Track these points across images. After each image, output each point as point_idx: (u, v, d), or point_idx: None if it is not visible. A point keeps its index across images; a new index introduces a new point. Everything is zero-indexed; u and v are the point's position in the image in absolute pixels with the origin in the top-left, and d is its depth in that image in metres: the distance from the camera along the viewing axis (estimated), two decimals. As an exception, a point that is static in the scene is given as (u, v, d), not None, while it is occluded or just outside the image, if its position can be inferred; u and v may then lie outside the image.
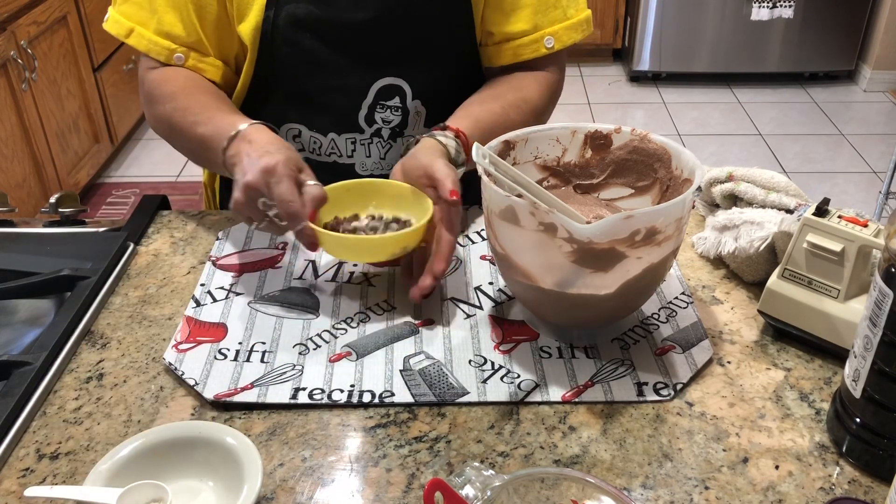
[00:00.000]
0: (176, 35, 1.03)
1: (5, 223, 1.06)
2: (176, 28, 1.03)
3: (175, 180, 3.20)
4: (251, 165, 0.85)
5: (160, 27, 1.03)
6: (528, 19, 1.08)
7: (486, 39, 1.11)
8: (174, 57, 1.04)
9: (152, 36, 1.03)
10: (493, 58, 1.12)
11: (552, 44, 1.09)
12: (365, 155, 1.12)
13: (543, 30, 1.08)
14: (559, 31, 1.09)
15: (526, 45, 1.09)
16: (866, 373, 0.68)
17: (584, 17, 1.11)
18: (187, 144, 1.02)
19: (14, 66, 2.49)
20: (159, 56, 1.04)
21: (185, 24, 1.03)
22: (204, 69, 1.05)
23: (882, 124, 3.69)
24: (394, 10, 1.04)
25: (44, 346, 0.83)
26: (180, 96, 1.01)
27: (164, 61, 1.04)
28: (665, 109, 3.83)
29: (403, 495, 0.69)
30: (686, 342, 0.85)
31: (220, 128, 0.94)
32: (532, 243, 0.77)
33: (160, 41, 1.03)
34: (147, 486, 0.65)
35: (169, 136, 1.05)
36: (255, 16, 1.02)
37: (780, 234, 0.88)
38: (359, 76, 1.07)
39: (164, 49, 1.03)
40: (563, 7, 1.09)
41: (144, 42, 1.03)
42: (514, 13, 1.08)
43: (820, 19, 3.88)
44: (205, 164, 1.08)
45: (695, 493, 0.69)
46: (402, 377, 0.81)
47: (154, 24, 1.03)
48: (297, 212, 0.83)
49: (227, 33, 1.06)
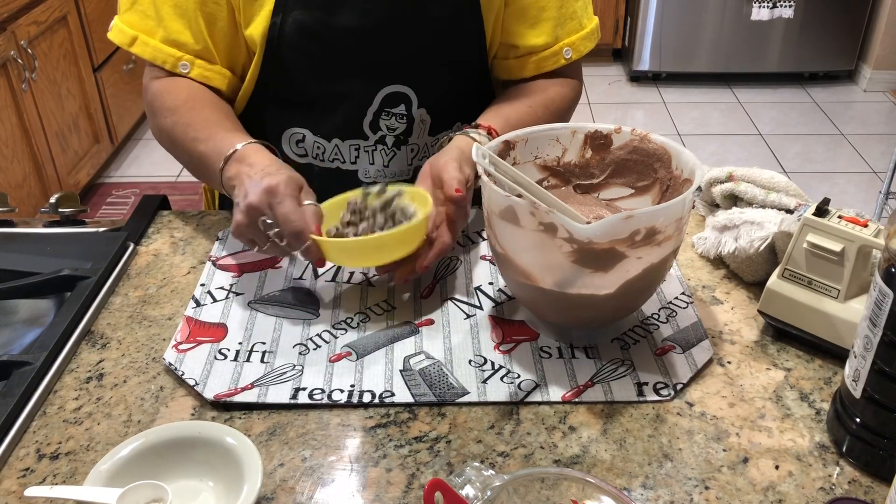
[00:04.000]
0: (183, 42, 1.02)
1: (5, 223, 1.06)
2: (183, 35, 1.02)
3: (175, 180, 3.21)
4: (253, 187, 0.85)
5: (167, 35, 1.02)
6: (549, 32, 1.10)
7: (508, 53, 1.12)
8: (180, 65, 1.03)
9: (157, 44, 1.02)
10: (514, 70, 1.13)
11: (570, 54, 1.12)
12: (368, 162, 1.12)
13: (562, 41, 1.11)
14: (576, 42, 1.12)
15: (548, 58, 1.11)
16: (866, 373, 0.68)
17: (595, 26, 1.14)
18: (187, 160, 1.02)
19: (14, 66, 2.49)
20: (164, 64, 1.03)
21: (193, 32, 1.02)
22: (210, 77, 1.04)
23: (882, 124, 3.69)
24: (401, 18, 1.04)
25: (44, 346, 0.83)
26: (182, 110, 1.01)
27: (170, 69, 1.03)
28: (665, 109, 3.83)
29: (403, 495, 0.69)
30: (686, 342, 0.85)
31: (218, 147, 0.94)
32: (532, 243, 0.77)
33: (166, 49, 1.02)
34: (147, 486, 0.65)
35: (171, 149, 1.05)
36: (262, 22, 1.02)
37: (780, 234, 0.88)
38: (365, 83, 1.07)
39: (169, 56, 1.02)
40: (579, 17, 1.11)
41: (149, 50, 1.03)
42: (537, 26, 1.09)
43: (820, 19, 3.88)
44: (204, 181, 1.08)
45: (695, 493, 0.69)
46: (402, 377, 0.81)
47: (160, 32, 1.02)
48: (301, 230, 0.83)
49: (235, 41, 1.05)
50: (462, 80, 1.13)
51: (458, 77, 1.12)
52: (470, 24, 1.07)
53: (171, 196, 1.23)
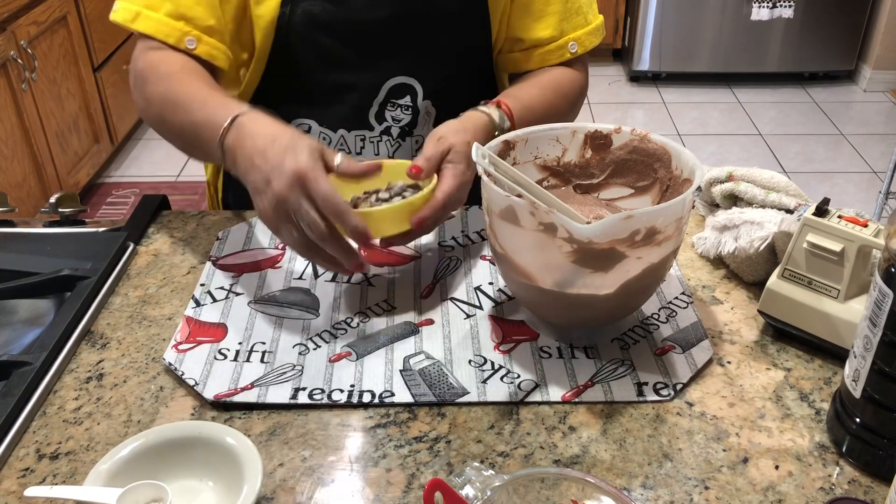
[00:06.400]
0: (192, 17, 0.98)
1: (5, 223, 1.06)
2: (195, 10, 0.98)
3: (175, 180, 3.20)
4: (276, 173, 0.79)
5: (176, 9, 0.98)
6: (555, 26, 1.10)
7: (514, 46, 1.13)
8: (186, 40, 0.98)
9: (162, 17, 0.98)
10: (520, 63, 1.14)
11: (576, 49, 1.12)
12: (374, 153, 1.13)
13: (568, 35, 1.11)
14: (581, 37, 1.12)
15: (553, 52, 1.12)
16: (866, 373, 0.68)
17: (600, 22, 1.15)
18: (178, 131, 0.96)
19: (14, 66, 2.49)
20: (168, 38, 0.98)
21: (207, 5, 0.99)
22: (216, 56, 1.01)
23: (882, 124, 3.69)
24: (409, 10, 1.04)
25: (44, 346, 0.83)
26: (177, 77, 0.96)
27: (174, 44, 0.98)
28: (665, 109, 3.83)
29: (403, 495, 0.69)
30: (686, 342, 0.85)
31: (215, 114, 0.88)
32: (532, 243, 0.77)
33: (172, 23, 0.98)
34: (147, 486, 0.65)
35: (158, 121, 0.99)
36: (270, 11, 1.02)
37: (780, 234, 0.88)
38: (371, 74, 1.08)
39: (174, 30, 0.98)
40: (584, 13, 1.12)
41: (152, 24, 0.98)
42: (542, 20, 1.10)
43: (820, 19, 3.88)
44: (197, 154, 1.01)
45: (695, 493, 0.69)
46: (402, 377, 0.81)
47: (167, 6, 0.98)
48: (344, 209, 0.78)
49: (247, 24, 1.03)
50: (468, 72, 1.14)
51: (464, 69, 1.13)
52: (476, 17, 1.08)
53: (171, 196, 1.23)
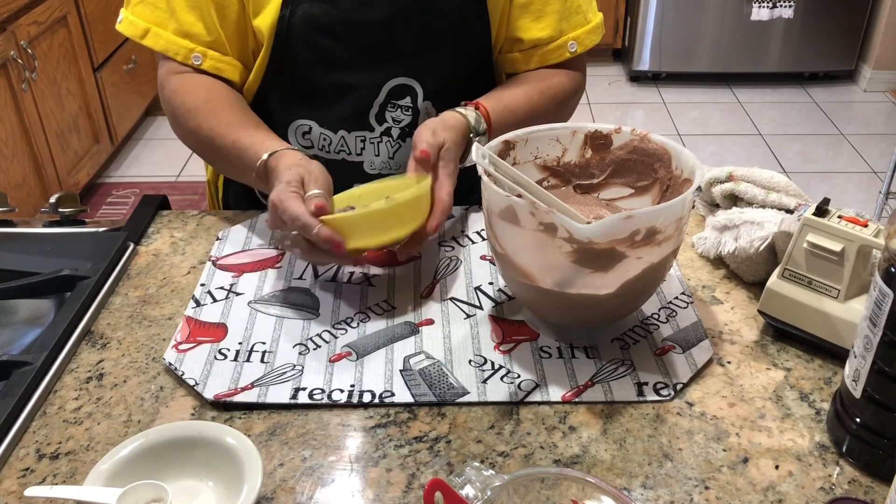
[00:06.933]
0: (195, 34, 1.03)
1: (5, 223, 1.06)
2: (195, 27, 1.03)
3: (175, 180, 3.20)
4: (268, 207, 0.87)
5: (179, 27, 1.03)
6: (554, 26, 1.11)
7: (513, 46, 1.13)
8: (192, 56, 1.04)
9: (170, 36, 1.03)
10: (519, 64, 1.14)
11: (575, 48, 1.12)
12: (374, 154, 1.13)
13: (567, 35, 1.12)
14: (581, 36, 1.12)
15: (552, 51, 1.12)
16: (866, 373, 0.68)
17: (600, 21, 1.15)
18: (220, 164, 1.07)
19: (14, 66, 2.48)
20: (176, 55, 1.04)
21: (206, 23, 1.03)
22: (222, 69, 1.06)
23: (882, 124, 3.69)
24: (408, 12, 1.05)
25: (44, 346, 0.83)
26: (202, 113, 1.02)
27: (182, 60, 1.04)
28: (665, 109, 3.83)
29: (403, 495, 0.69)
30: (686, 342, 0.85)
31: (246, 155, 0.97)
32: (532, 243, 0.77)
33: (178, 41, 1.03)
34: (147, 486, 0.65)
35: (196, 150, 1.08)
36: (270, 14, 1.03)
37: (780, 234, 0.88)
38: (372, 75, 1.08)
39: (181, 48, 1.04)
40: (584, 11, 1.12)
41: (162, 42, 1.04)
42: (542, 19, 1.10)
43: (820, 19, 3.88)
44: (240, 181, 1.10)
45: (695, 493, 0.69)
46: (402, 377, 0.81)
47: (173, 24, 1.03)
48: (306, 222, 0.83)
49: (245, 32, 1.06)
50: (468, 73, 1.14)
51: (464, 70, 1.13)
52: (476, 18, 1.08)
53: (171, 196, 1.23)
